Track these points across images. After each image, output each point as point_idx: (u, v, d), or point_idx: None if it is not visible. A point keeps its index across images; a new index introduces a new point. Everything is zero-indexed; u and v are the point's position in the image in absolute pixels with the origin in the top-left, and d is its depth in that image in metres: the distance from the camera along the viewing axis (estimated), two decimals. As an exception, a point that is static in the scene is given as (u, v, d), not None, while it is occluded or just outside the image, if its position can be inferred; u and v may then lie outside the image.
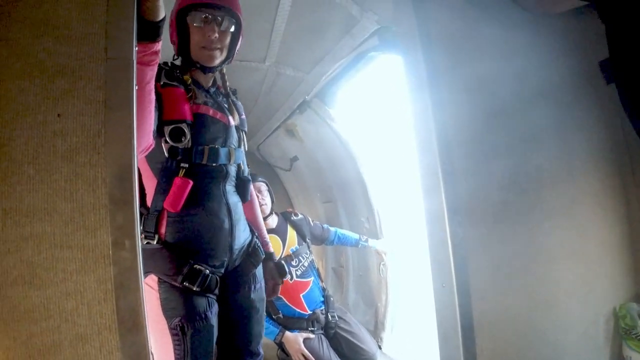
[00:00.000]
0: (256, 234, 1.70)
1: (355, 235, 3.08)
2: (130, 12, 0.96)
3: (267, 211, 2.88)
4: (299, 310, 2.71)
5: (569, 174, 1.45)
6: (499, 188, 1.35)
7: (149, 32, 1.06)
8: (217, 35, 1.42)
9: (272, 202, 2.96)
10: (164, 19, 1.09)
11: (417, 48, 1.34)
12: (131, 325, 0.89)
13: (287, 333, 2.57)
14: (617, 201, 1.53)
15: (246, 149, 1.66)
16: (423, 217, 1.35)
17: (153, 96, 1.20)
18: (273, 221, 2.92)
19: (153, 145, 1.32)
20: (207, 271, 1.42)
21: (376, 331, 3.07)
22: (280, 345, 2.61)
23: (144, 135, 1.20)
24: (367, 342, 2.75)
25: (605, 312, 1.48)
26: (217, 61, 1.49)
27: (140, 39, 1.04)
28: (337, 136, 2.93)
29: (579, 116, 1.52)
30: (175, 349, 1.37)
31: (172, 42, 1.50)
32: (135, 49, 0.98)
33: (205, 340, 1.41)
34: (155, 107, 1.36)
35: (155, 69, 1.16)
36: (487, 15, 1.44)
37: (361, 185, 3.05)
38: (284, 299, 2.70)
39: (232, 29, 1.48)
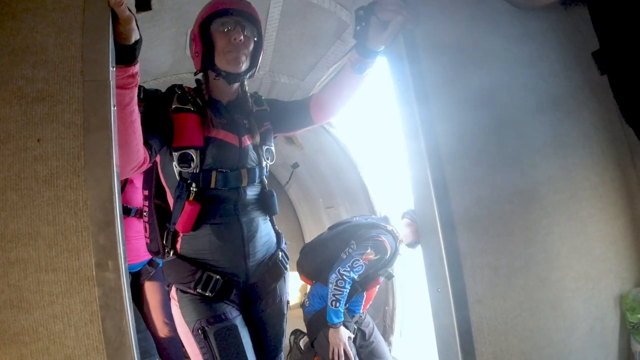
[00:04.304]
0: (282, 247, 1.68)
1: None
2: (106, 34, 0.97)
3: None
4: (359, 310, 2.71)
5: (565, 169, 1.42)
6: (493, 188, 1.32)
7: (124, 55, 1.06)
8: (242, 38, 1.43)
9: None
10: (139, 42, 1.10)
11: (403, 59, 1.32)
12: (118, 345, 0.90)
13: (342, 327, 2.52)
14: (618, 193, 1.49)
15: (272, 161, 1.64)
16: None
17: (136, 117, 1.19)
18: None
19: (146, 164, 1.34)
20: (219, 277, 1.44)
21: (385, 335, 3.06)
22: (315, 333, 2.58)
23: (130, 154, 1.20)
24: (380, 340, 2.75)
25: (612, 307, 1.44)
26: (243, 66, 1.48)
27: (117, 63, 1.04)
28: (336, 142, 2.94)
29: (574, 109, 1.48)
30: (204, 357, 1.38)
31: (195, 54, 1.49)
32: (113, 69, 0.99)
33: (231, 339, 1.40)
34: (165, 132, 1.40)
35: (135, 91, 1.16)
36: (476, 23, 1.42)
37: (363, 190, 3.05)
38: (364, 299, 2.69)
39: (255, 37, 1.50)
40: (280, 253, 1.64)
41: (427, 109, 1.27)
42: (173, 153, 1.42)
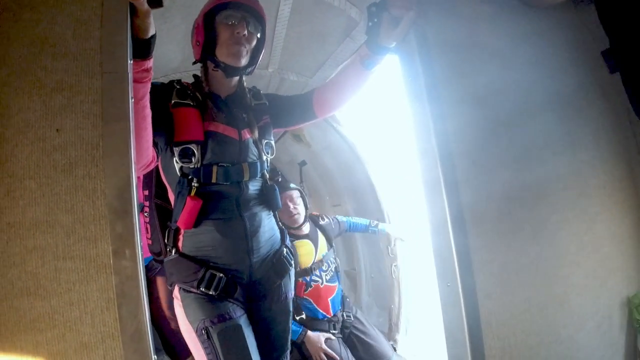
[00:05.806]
0: (287, 243, 1.66)
1: (365, 221, 3.02)
2: (124, 27, 0.99)
3: (300, 220, 2.72)
4: (323, 312, 2.68)
5: (574, 166, 1.43)
6: (503, 185, 1.33)
7: (140, 49, 1.08)
8: (245, 33, 1.43)
9: (306, 208, 2.82)
10: (154, 37, 1.11)
11: (414, 57, 1.33)
12: (134, 332, 0.91)
13: (309, 332, 2.53)
14: (626, 192, 1.49)
15: (272, 155, 1.63)
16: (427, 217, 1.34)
17: (148, 112, 1.20)
18: (306, 227, 2.81)
19: (154, 163, 1.34)
20: (223, 275, 1.42)
21: (390, 333, 3.04)
22: (299, 347, 2.58)
23: (141, 152, 1.21)
24: (381, 342, 2.73)
25: (619, 305, 1.44)
26: (243, 61, 1.47)
27: (133, 56, 1.04)
28: (344, 139, 2.94)
29: (583, 107, 1.49)
30: (207, 357, 1.36)
31: (196, 43, 1.49)
32: (130, 62, 1.00)
33: (235, 339, 1.38)
34: (167, 128, 1.40)
35: (148, 85, 1.17)
36: (487, 21, 1.43)
37: (370, 188, 3.04)
38: (313, 302, 2.67)
39: (259, 35, 1.50)
40: (285, 249, 1.62)
41: (438, 106, 1.28)
42: (174, 148, 1.40)
